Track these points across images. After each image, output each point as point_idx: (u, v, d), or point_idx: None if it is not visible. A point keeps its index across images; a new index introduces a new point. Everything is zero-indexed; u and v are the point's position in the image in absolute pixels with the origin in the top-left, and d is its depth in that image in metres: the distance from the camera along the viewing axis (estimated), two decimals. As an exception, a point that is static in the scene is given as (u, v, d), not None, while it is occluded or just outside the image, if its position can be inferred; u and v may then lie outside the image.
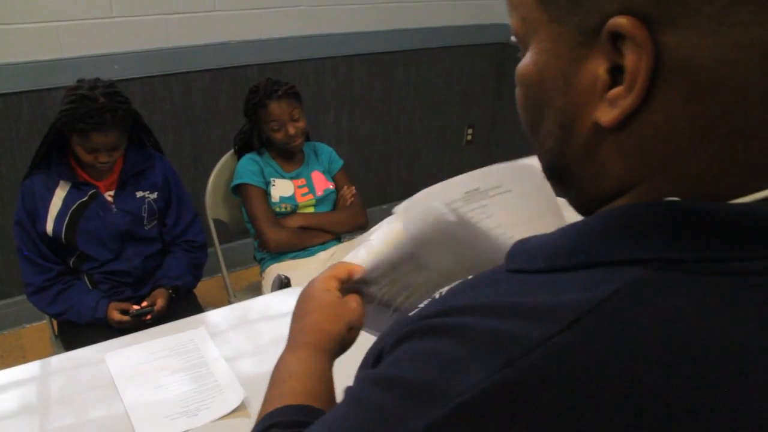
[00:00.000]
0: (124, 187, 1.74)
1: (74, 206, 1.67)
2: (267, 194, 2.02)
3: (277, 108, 1.95)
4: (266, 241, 1.97)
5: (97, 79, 1.61)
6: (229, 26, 2.57)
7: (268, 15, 2.65)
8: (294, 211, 2.05)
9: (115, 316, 1.67)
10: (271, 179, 2.03)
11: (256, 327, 1.40)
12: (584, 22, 0.39)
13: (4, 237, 2.39)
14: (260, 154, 2.06)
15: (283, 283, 1.74)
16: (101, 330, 1.63)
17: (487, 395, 0.35)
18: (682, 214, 0.38)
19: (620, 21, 0.36)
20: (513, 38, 0.47)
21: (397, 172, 3.43)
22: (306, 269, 1.98)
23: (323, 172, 2.13)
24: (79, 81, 1.61)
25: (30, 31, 2.18)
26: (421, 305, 0.52)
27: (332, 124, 3.07)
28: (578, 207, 0.48)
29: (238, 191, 2.04)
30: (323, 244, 2.07)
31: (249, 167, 2.02)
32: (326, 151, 2.19)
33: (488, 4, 3.29)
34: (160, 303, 1.72)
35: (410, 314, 0.51)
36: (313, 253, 2.05)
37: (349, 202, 2.12)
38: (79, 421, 1.10)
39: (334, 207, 2.15)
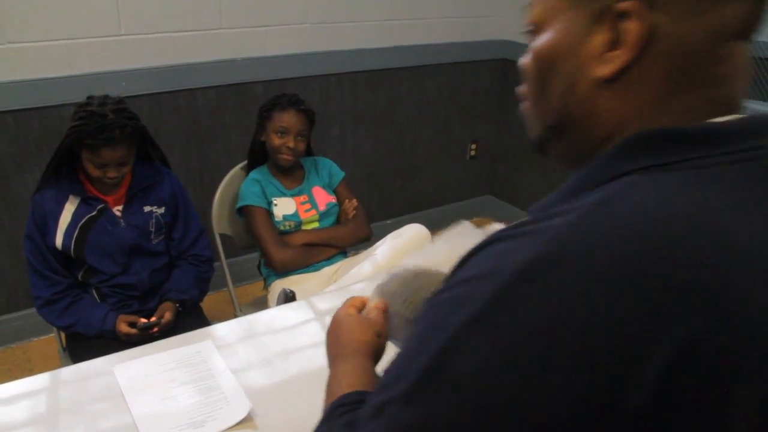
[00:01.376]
0: (132, 201, 1.76)
1: (83, 221, 1.69)
2: (270, 214, 2.04)
3: (292, 117, 2.01)
4: (272, 261, 1.99)
5: (106, 96, 1.64)
6: (235, 44, 2.61)
7: (273, 33, 2.69)
8: (298, 228, 2.07)
9: (123, 328, 1.68)
10: (273, 198, 2.05)
11: (262, 340, 1.42)
12: (597, 6, 0.54)
13: (12, 250, 2.42)
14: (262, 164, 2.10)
15: (288, 297, 1.75)
16: (109, 343, 1.65)
17: (536, 261, 0.47)
18: (656, 135, 0.53)
19: (628, 3, 0.52)
20: (528, 26, 0.61)
21: (400, 187, 3.45)
22: (311, 284, 1.99)
23: (324, 187, 2.15)
24: (88, 97, 1.64)
25: (40, 49, 2.22)
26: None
27: (336, 139, 3.10)
28: (574, 154, 0.62)
29: (242, 213, 2.07)
30: (328, 260, 2.08)
31: (251, 188, 2.04)
32: (327, 164, 2.21)
33: (491, 21, 3.33)
34: (167, 316, 1.73)
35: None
36: (318, 268, 2.06)
37: (351, 215, 2.13)
38: (88, 432, 1.11)
39: (338, 220, 2.17)
